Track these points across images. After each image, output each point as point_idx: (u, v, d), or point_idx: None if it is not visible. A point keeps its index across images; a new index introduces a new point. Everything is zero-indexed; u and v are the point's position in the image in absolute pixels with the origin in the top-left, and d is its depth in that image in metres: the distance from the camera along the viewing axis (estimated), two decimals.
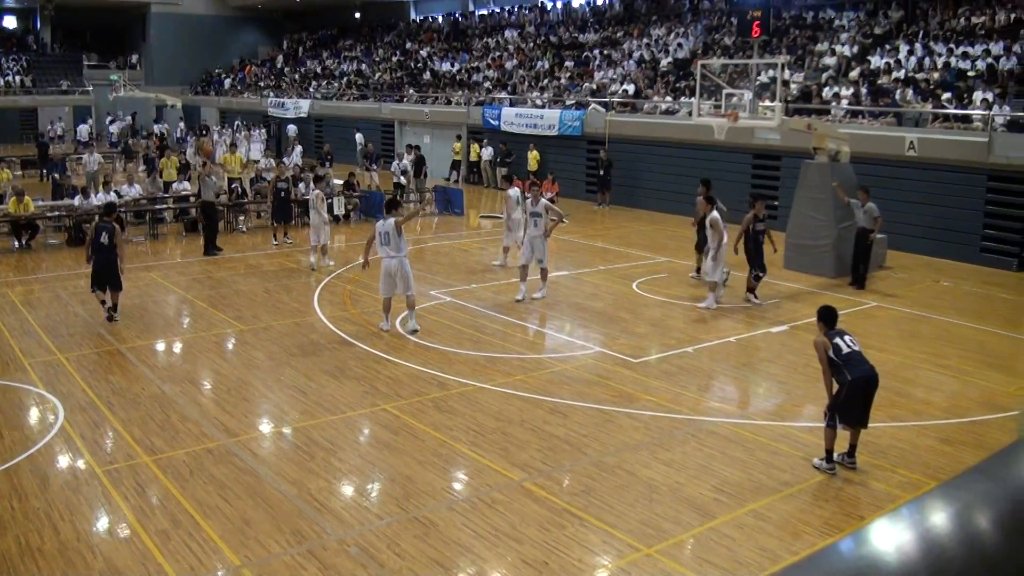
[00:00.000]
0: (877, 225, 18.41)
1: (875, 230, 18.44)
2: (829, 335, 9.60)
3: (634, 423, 11.14)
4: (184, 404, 11.65)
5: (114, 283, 15.64)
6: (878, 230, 18.58)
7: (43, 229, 23.53)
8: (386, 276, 14.83)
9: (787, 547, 8.07)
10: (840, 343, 9.47)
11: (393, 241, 14.66)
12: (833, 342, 9.47)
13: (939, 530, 1.74)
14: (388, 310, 15.20)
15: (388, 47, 53.80)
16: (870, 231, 18.40)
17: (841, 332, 9.69)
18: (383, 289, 14.98)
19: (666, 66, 34.05)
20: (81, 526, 8.35)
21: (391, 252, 14.70)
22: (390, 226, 14.65)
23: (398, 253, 14.69)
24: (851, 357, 9.43)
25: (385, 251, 14.74)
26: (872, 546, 1.69)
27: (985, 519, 1.76)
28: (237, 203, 26.26)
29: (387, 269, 14.77)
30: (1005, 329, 16.03)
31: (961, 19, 27.41)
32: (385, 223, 14.71)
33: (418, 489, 9.15)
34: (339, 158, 39.04)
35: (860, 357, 9.50)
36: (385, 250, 14.74)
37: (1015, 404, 11.89)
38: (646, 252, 22.08)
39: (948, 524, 1.75)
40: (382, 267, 14.85)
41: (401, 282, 14.78)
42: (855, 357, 9.45)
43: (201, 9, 62.54)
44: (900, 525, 1.73)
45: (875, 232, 18.50)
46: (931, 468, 9.86)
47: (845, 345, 9.48)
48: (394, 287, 14.88)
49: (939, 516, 1.77)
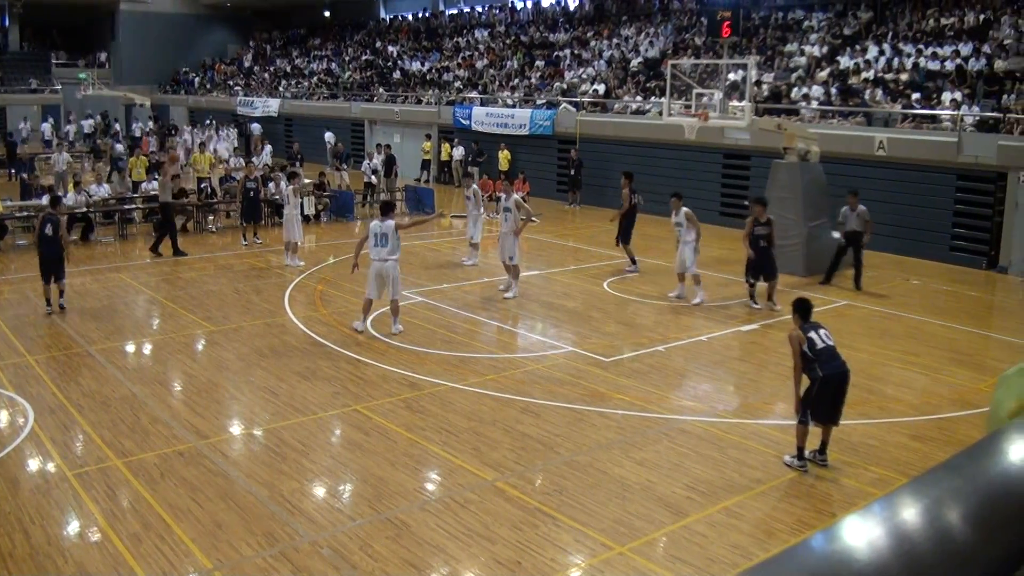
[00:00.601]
0: (868, 228, 18.45)
1: (867, 233, 18.47)
2: (804, 328, 9.60)
3: (606, 422, 11.16)
4: (154, 406, 11.57)
5: (59, 273, 16.01)
6: (870, 233, 18.59)
7: (11, 230, 23.30)
8: (376, 278, 14.67)
9: (760, 544, 8.11)
10: (815, 337, 9.47)
11: (391, 243, 14.51)
12: (808, 336, 9.48)
13: (910, 525, 1.75)
14: (368, 312, 15.09)
15: (358, 46, 53.65)
16: (862, 234, 18.43)
17: (816, 326, 9.68)
18: (371, 291, 14.79)
19: (636, 66, 34.14)
20: (52, 530, 8.27)
21: (385, 255, 14.53)
22: (388, 228, 14.51)
23: (392, 256, 14.57)
24: (824, 353, 9.44)
25: (379, 253, 14.55)
26: (844, 542, 1.70)
27: (955, 514, 1.78)
28: (207, 203, 26.11)
29: (379, 271, 14.61)
30: (974, 327, 16.19)
31: (930, 20, 27.64)
32: (383, 224, 14.55)
33: (390, 490, 9.13)
34: (308, 158, 38.89)
35: (833, 353, 9.51)
36: (379, 252, 14.55)
37: (984, 401, 12.00)
38: (617, 251, 22.11)
39: (919, 519, 1.76)
40: (372, 269, 14.66)
41: (391, 286, 14.67)
42: (828, 353, 9.46)
43: (170, 7, 62.08)
44: (871, 521, 1.73)
45: (868, 235, 18.53)
46: (902, 464, 9.94)
47: (820, 340, 9.48)
48: (382, 289, 14.76)
49: (910, 512, 1.78)
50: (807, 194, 19.74)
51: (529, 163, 33.65)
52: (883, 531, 1.71)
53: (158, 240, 21.92)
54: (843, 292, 18.35)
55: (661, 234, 25.17)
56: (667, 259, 21.23)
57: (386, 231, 14.51)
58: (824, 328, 9.71)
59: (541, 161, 33.53)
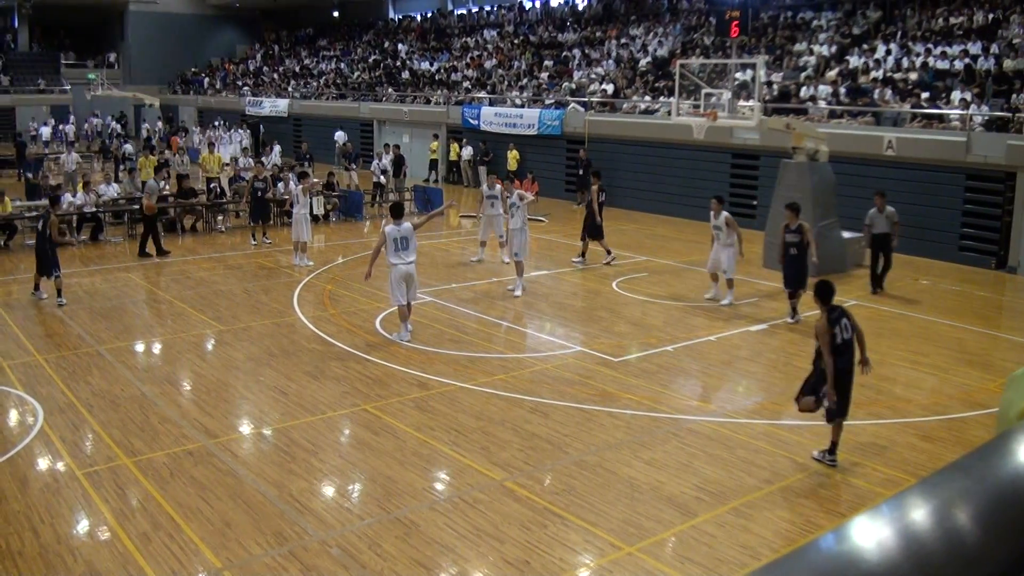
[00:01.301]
0: (896, 230, 18.08)
1: (895, 235, 18.09)
2: (831, 320, 9.50)
3: (615, 422, 11.16)
4: (164, 405, 11.60)
5: (46, 269, 16.49)
6: (898, 235, 18.22)
7: (20, 230, 23.36)
8: (400, 282, 14.19)
9: (768, 544, 8.10)
10: (838, 332, 9.44)
11: (411, 245, 14.27)
12: (832, 332, 9.43)
13: (919, 526, 1.75)
14: (406, 318, 14.65)
15: (366, 46, 53.70)
16: (891, 236, 18.06)
17: (840, 316, 9.59)
18: (399, 296, 14.29)
19: (645, 65, 34.12)
20: (61, 529, 8.30)
21: (407, 257, 14.20)
22: (407, 231, 14.25)
23: (413, 258, 14.34)
24: (842, 347, 9.45)
25: (400, 257, 14.15)
26: (853, 543, 1.70)
27: (965, 515, 1.77)
28: (215, 203, 26.16)
29: (403, 274, 14.17)
30: (983, 327, 16.15)
31: (939, 19, 27.57)
32: (400, 228, 14.22)
33: (399, 489, 9.14)
34: (317, 158, 38.92)
35: (850, 345, 9.55)
36: (401, 256, 14.15)
37: (993, 401, 11.98)
38: (625, 251, 22.11)
39: (928, 520, 1.76)
40: (396, 273, 14.19)
41: (413, 288, 14.47)
42: (845, 347, 9.48)
43: (179, 8, 62.28)
44: (880, 522, 1.73)
45: (895, 237, 18.12)
46: (911, 465, 9.92)
47: (840, 334, 9.46)
48: (407, 292, 14.39)
49: (919, 512, 1.78)
50: (816, 194, 19.68)
51: (538, 163, 33.64)
52: (892, 532, 1.72)
53: (143, 241, 21.99)
54: (852, 292, 18.29)
55: (669, 234, 25.21)
56: (676, 258, 21.26)
57: (406, 234, 14.21)
58: (847, 318, 9.64)
59: (550, 161, 33.51)
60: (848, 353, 9.53)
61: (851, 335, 9.58)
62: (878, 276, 18.43)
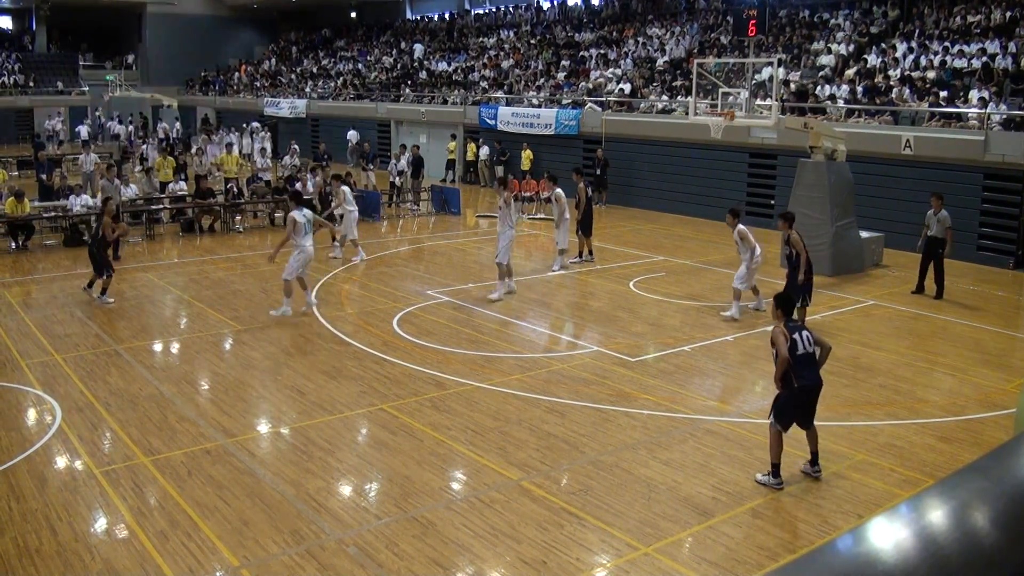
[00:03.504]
0: (949, 236, 17.45)
1: (948, 240, 17.44)
2: (789, 328, 9.18)
3: (632, 422, 11.15)
4: (182, 404, 11.65)
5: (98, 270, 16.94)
6: (951, 240, 17.58)
7: (39, 230, 23.49)
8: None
9: (785, 545, 8.09)
10: (799, 340, 9.07)
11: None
12: (792, 337, 9.06)
13: (937, 528, 1.75)
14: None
15: (384, 46, 53.79)
16: (943, 241, 17.45)
17: (800, 328, 9.29)
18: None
19: (662, 65, 34.08)
20: (79, 527, 8.34)
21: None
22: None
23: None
24: (803, 360, 9.07)
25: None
26: (870, 544, 1.70)
27: (983, 516, 1.77)
28: (234, 203, 26.26)
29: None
30: (1001, 327, 16.05)
31: (957, 17, 27.46)
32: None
33: (416, 489, 9.15)
34: (335, 158, 39.04)
35: (812, 360, 9.15)
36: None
37: (1012, 401, 11.92)
38: (643, 251, 22.08)
39: (946, 522, 1.76)
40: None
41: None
42: (806, 361, 9.10)
43: (197, 9, 62.52)
44: (898, 523, 1.73)
45: (949, 243, 17.47)
46: (929, 466, 9.88)
47: (802, 345, 9.09)
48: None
49: (937, 514, 1.78)
50: (834, 193, 19.61)
51: (554, 163, 33.58)
52: (910, 533, 1.71)
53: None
54: (870, 291, 18.23)
55: (687, 233, 25.17)
56: (693, 258, 21.21)
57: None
58: (808, 331, 9.28)
59: (567, 161, 33.41)
60: (810, 369, 9.12)
61: (814, 349, 9.18)
62: (923, 281, 17.92)
